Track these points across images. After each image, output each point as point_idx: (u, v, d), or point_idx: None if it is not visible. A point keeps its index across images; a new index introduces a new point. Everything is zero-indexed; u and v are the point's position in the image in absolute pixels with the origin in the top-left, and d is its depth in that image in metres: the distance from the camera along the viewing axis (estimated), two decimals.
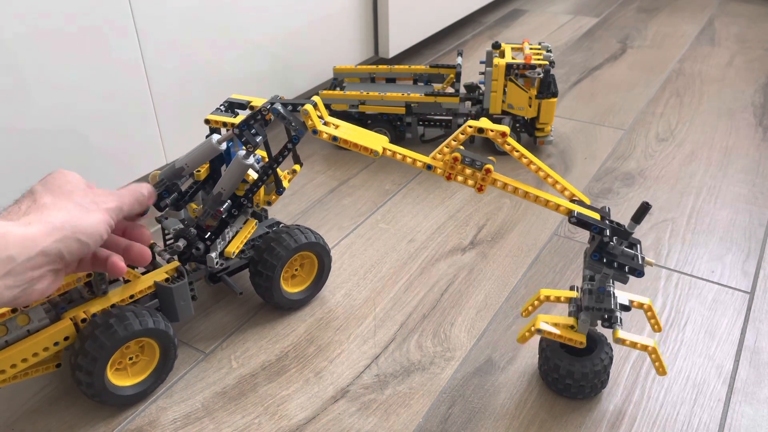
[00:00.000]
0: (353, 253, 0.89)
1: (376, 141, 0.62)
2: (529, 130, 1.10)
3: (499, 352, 0.72)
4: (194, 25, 0.95)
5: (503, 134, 0.59)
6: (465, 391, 0.68)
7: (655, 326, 0.66)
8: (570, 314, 0.65)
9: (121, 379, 0.65)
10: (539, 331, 0.63)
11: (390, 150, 0.61)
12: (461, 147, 0.60)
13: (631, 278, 0.59)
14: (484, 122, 0.59)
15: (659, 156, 1.11)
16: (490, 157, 0.60)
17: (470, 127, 0.59)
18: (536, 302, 0.68)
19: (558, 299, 0.67)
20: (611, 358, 0.66)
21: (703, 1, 1.90)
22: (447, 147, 0.59)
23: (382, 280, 0.83)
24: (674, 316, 0.77)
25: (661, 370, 0.63)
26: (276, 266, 0.73)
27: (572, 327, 0.63)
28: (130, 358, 0.65)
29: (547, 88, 1.04)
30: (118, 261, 0.57)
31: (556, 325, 0.64)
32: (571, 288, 0.67)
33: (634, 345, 0.62)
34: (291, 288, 0.77)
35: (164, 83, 0.93)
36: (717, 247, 0.89)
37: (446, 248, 0.89)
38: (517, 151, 0.60)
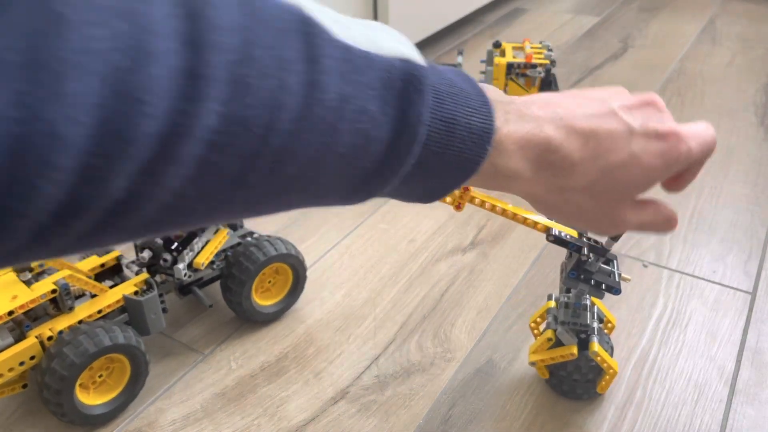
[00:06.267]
0: (353, 253, 0.88)
1: None
2: None
3: (499, 352, 0.72)
4: None
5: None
6: (465, 392, 0.68)
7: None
8: (548, 325, 0.65)
9: (93, 398, 0.63)
10: (533, 363, 0.64)
11: None
12: None
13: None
14: None
15: None
16: None
17: None
18: (539, 319, 0.68)
19: (543, 317, 0.67)
20: (612, 348, 0.66)
21: (704, 1, 1.90)
22: None
23: (382, 281, 0.83)
24: (676, 316, 0.77)
25: (599, 389, 0.64)
26: (246, 282, 0.71)
27: (549, 339, 0.63)
28: (100, 376, 0.63)
29: (548, 87, 1.03)
30: None
31: (538, 350, 0.64)
32: (549, 297, 0.67)
33: (603, 362, 0.62)
34: (264, 301, 0.75)
35: None
36: (718, 248, 0.88)
37: (446, 248, 0.89)
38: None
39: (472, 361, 0.71)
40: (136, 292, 0.66)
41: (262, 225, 0.94)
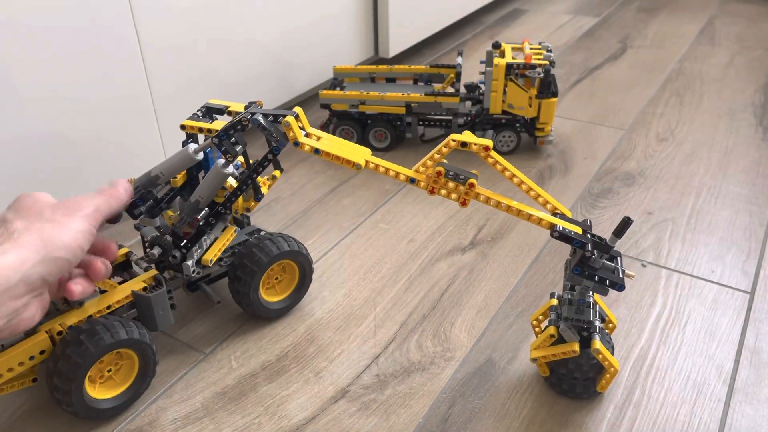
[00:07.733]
0: (353, 253, 0.89)
1: (358, 153, 0.61)
2: (529, 130, 1.10)
3: (499, 352, 0.72)
4: (194, 25, 0.95)
5: (486, 148, 0.59)
6: (465, 391, 0.68)
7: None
8: (551, 322, 0.65)
9: (99, 392, 0.63)
10: (534, 360, 0.65)
11: (373, 163, 0.61)
12: (444, 161, 0.60)
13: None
14: (467, 136, 0.59)
15: (659, 156, 1.11)
16: (474, 171, 0.60)
17: (453, 140, 0.59)
18: (541, 316, 0.69)
19: (545, 315, 0.68)
20: (612, 347, 0.66)
21: (703, 1, 1.90)
22: (430, 160, 0.59)
23: (382, 280, 0.83)
24: (674, 316, 0.77)
25: (599, 387, 0.64)
26: (256, 273, 0.71)
27: (552, 336, 0.64)
28: (109, 370, 0.63)
29: (548, 88, 1.04)
30: (72, 285, 0.56)
31: (540, 346, 0.64)
32: (551, 295, 0.68)
33: (604, 360, 0.62)
34: (271, 297, 0.76)
35: (164, 83, 0.93)
36: (717, 247, 0.89)
37: (446, 248, 0.89)
38: (500, 164, 0.60)
39: (472, 361, 0.71)
40: (144, 288, 0.67)
41: (262, 225, 0.94)
